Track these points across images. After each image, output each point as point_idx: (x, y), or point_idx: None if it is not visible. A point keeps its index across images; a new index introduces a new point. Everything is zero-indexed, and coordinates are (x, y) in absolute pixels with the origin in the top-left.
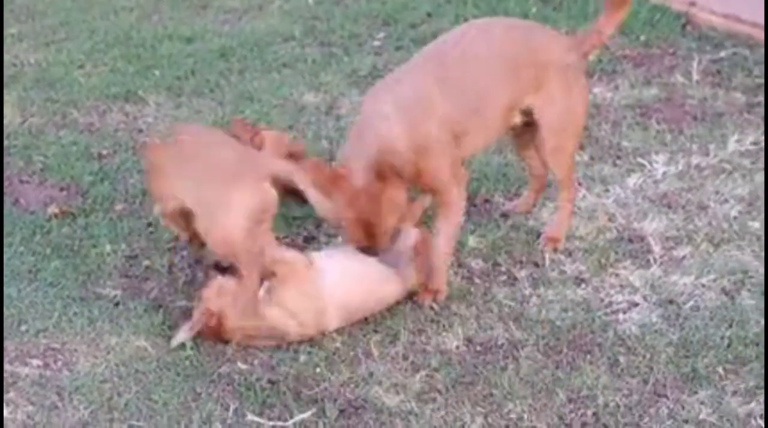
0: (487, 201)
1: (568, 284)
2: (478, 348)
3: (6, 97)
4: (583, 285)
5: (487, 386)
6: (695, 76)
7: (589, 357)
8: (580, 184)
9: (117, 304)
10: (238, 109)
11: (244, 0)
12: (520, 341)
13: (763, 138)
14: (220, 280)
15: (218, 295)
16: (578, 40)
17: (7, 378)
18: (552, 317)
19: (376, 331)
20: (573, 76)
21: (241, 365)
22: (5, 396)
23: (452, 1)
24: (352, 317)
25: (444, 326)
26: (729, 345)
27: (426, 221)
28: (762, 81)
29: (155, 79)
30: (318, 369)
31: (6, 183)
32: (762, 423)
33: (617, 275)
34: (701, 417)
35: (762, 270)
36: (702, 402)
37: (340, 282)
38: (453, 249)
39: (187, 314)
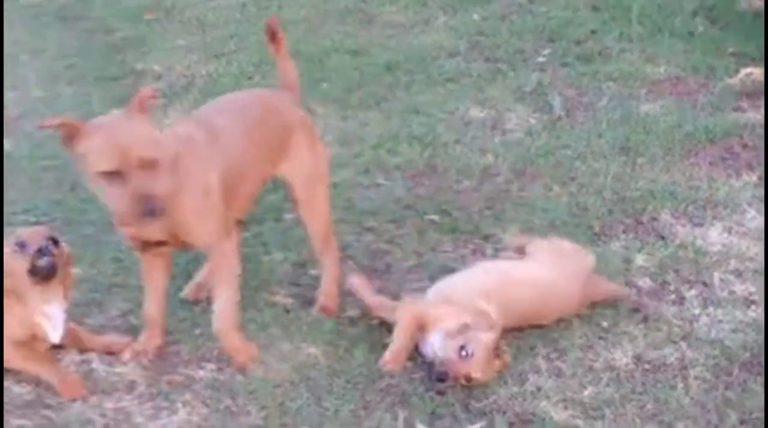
0: (654, 219)
1: (737, 305)
2: (647, 366)
3: (177, 106)
4: (753, 307)
5: (657, 404)
6: None
7: (760, 379)
8: (749, 205)
9: (288, 312)
10: (404, 123)
11: (410, 15)
12: (690, 360)
13: None
14: None
15: None
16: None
17: (183, 381)
18: (722, 337)
19: (544, 346)
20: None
21: (410, 375)
22: (181, 398)
23: (617, 19)
24: None
25: (613, 343)
26: None
27: None
28: None
29: (323, 92)
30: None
31: None
32: None
33: None
34: None
35: None
36: None
37: None
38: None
39: (355, 323)
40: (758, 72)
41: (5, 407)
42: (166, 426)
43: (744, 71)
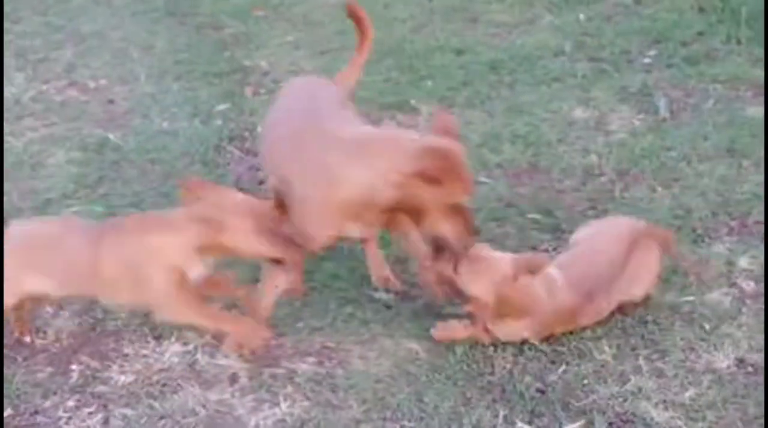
0: (758, 222)
1: None
2: (750, 369)
3: None
4: None
5: (759, 408)
6: None
7: None
8: None
9: (389, 308)
10: (508, 121)
11: (515, 14)
12: None
13: None
14: None
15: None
16: None
17: (285, 374)
18: None
19: (645, 347)
20: None
21: (511, 373)
22: (283, 391)
23: (724, 21)
24: None
25: (715, 345)
26: None
27: None
28: None
29: (427, 90)
30: (586, 381)
31: None
32: None
33: None
34: None
35: None
36: None
37: None
38: None
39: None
40: None
41: (109, 396)
42: (267, 418)
43: None
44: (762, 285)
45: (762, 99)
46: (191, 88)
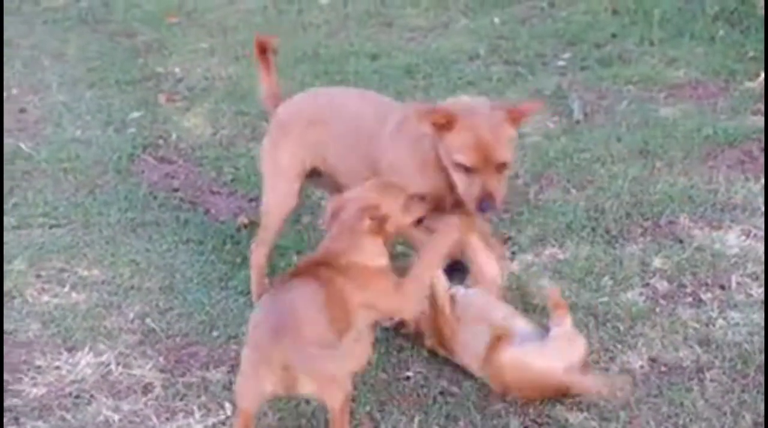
0: (672, 222)
1: (754, 308)
2: (663, 368)
3: (198, 110)
4: None
5: (672, 407)
6: None
7: None
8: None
9: None
10: None
11: (430, 18)
12: (706, 363)
13: None
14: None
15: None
16: None
17: (199, 383)
18: (739, 340)
19: None
20: None
21: (426, 378)
22: (197, 401)
23: (638, 23)
24: None
25: (629, 345)
26: None
27: None
28: None
29: None
30: None
31: (198, 193)
32: None
33: None
34: None
35: None
36: None
37: None
38: None
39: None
40: None
41: (21, 409)
42: None
43: (764, 74)
44: (675, 284)
45: (675, 99)
46: (104, 96)
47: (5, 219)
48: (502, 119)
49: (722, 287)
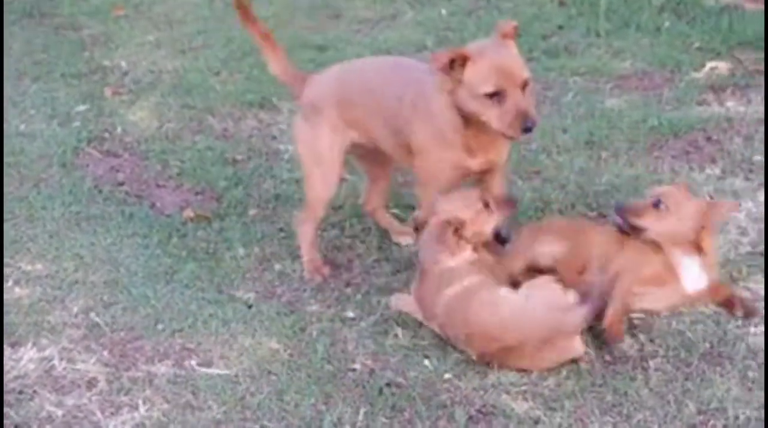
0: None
1: None
2: (608, 358)
3: (144, 103)
4: None
5: (616, 396)
6: None
7: (719, 369)
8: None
9: (250, 307)
10: None
11: (377, 10)
12: (650, 352)
13: None
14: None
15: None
16: None
17: (143, 377)
18: (682, 329)
19: None
20: None
21: (372, 369)
22: (142, 394)
23: (584, 14)
24: None
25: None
26: None
27: None
28: None
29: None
30: (447, 376)
31: (143, 186)
32: None
33: (749, 289)
34: None
35: None
36: None
37: None
38: None
39: (318, 318)
40: (723, 66)
41: None
42: (125, 422)
43: (709, 65)
44: None
45: (621, 90)
46: (49, 90)
47: None
48: (504, 41)
49: None
